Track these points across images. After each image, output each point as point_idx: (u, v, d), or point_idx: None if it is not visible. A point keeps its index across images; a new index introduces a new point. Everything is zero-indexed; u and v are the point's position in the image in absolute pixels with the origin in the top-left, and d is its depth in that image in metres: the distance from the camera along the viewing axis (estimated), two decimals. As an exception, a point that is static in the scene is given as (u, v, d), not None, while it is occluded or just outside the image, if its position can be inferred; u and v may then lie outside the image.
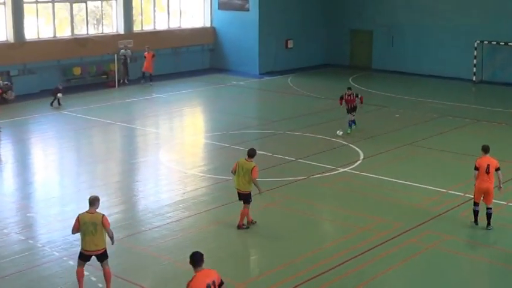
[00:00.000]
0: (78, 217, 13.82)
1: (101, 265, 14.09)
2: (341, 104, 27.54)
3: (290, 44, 43.56)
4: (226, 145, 25.56)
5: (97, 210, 13.87)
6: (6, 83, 34.43)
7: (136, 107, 33.73)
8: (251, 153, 17.24)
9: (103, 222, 13.67)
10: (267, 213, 18.80)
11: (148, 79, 38.76)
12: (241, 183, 17.12)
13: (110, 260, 14.17)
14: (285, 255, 16.10)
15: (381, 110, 32.40)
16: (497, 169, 17.33)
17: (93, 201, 13.88)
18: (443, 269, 15.32)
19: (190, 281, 10.58)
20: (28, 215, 18.99)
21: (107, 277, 14.09)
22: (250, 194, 17.30)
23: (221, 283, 10.84)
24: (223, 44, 43.74)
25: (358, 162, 23.35)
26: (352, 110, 27.27)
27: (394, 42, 43.36)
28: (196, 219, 18.68)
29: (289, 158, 23.72)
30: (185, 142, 22.37)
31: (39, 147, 27.18)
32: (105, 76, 38.77)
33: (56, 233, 17.30)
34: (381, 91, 37.15)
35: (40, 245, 16.58)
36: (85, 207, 14.02)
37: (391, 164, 23.52)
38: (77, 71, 37.67)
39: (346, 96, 27.22)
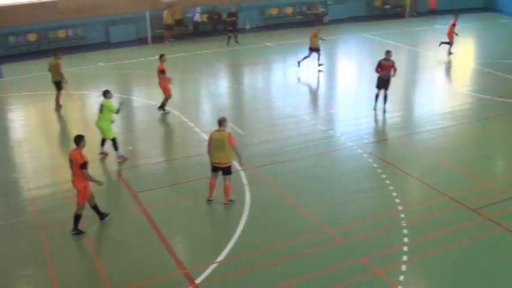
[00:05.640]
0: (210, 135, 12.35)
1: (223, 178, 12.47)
2: (377, 72, 18.72)
3: None
4: (490, 70, 23.81)
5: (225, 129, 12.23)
6: (323, 9, 35.15)
7: (419, 35, 32.35)
8: None
9: (229, 139, 12.10)
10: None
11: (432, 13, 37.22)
12: None
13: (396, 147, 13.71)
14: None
15: None
16: None
17: (221, 121, 12.27)
18: None
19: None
20: (330, 111, 19.52)
21: (225, 190, 12.56)
22: None
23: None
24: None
25: None
26: (385, 82, 18.73)
27: None
28: (459, 128, 17.94)
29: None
30: (457, 65, 21.11)
31: (343, 60, 27.64)
32: (399, 8, 37.70)
33: (350, 128, 17.61)
34: None
35: (338, 135, 17.10)
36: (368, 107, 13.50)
37: None
38: (378, 3, 37.21)
39: (384, 62, 18.59)
